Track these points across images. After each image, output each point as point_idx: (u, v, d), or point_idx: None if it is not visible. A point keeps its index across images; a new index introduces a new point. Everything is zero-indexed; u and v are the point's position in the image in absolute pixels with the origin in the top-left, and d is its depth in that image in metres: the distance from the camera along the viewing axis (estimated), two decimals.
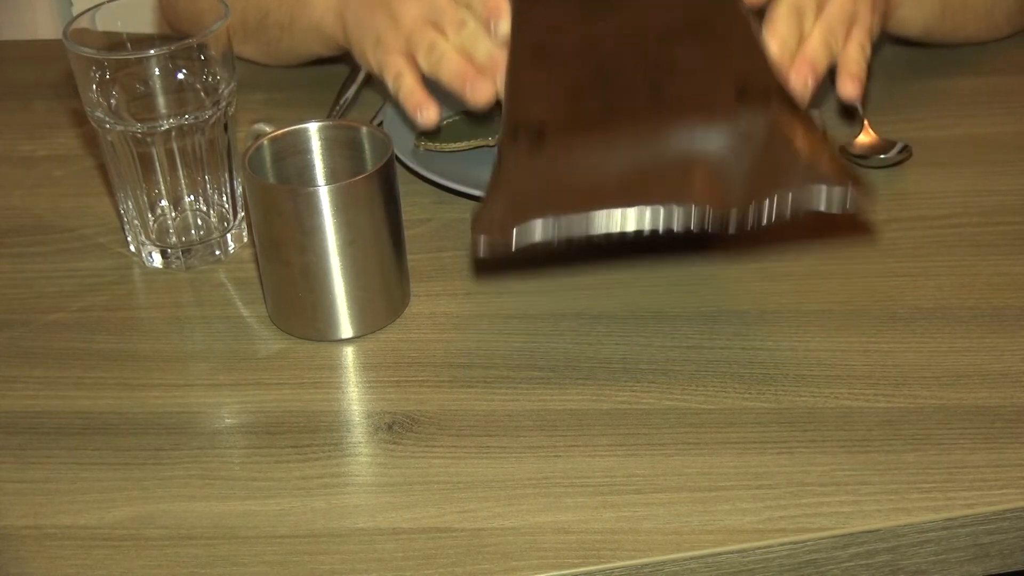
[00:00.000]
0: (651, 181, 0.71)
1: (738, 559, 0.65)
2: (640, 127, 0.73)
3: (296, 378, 0.77)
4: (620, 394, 0.74)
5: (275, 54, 1.08)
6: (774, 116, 0.73)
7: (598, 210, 0.70)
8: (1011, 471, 0.67)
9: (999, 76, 1.05)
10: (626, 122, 0.74)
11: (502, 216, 0.71)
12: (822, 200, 0.70)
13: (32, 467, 0.72)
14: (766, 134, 0.72)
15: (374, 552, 0.65)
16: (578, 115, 0.75)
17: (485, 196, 0.73)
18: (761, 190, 0.70)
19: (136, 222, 0.87)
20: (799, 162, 0.71)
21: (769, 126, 0.72)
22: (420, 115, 0.85)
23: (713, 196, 0.70)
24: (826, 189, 0.70)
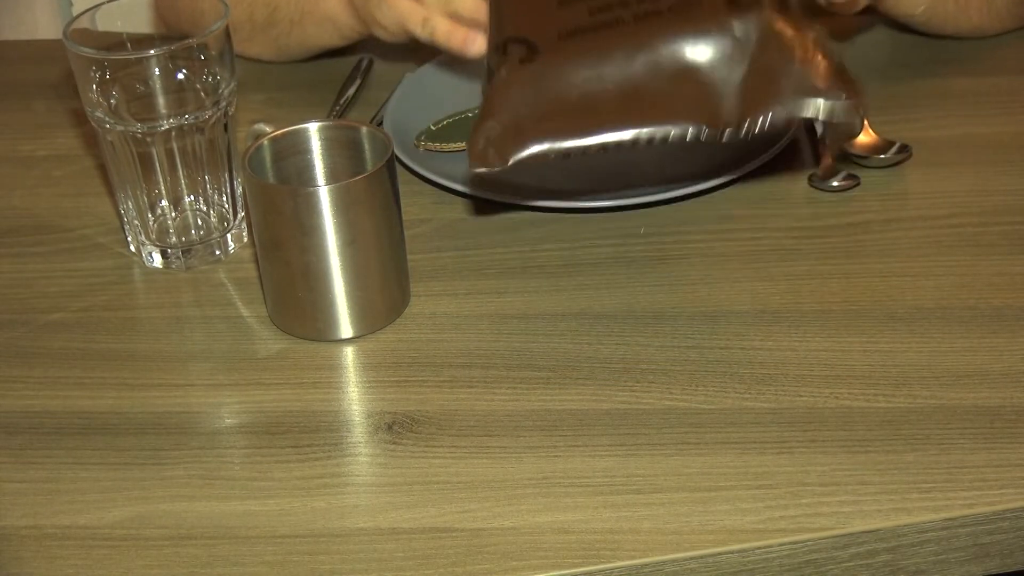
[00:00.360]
0: (644, 97, 0.71)
1: (738, 559, 0.65)
2: (631, 37, 0.72)
3: (296, 378, 0.77)
4: (620, 394, 0.74)
5: (283, 49, 1.08)
6: (766, 21, 0.72)
7: (592, 129, 0.71)
8: (1011, 471, 0.67)
9: (999, 76, 1.05)
10: (616, 31, 0.73)
11: (499, 133, 0.71)
12: (817, 109, 0.70)
13: (32, 467, 0.72)
14: (758, 41, 0.72)
15: (374, 552, 0.65)
16: (567, 25, 0.74)
17: (480, 112, 0.72)
18: (755, 100, 0.70)
19: (136, 222, 0.87)
20: (792, 70, 0.70)
21: (761, 32, 0.71)
22: (471, 47, 0.85)
23: (707, 110, 0.70)
24: (820, 99, 0.70)
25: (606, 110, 0.71)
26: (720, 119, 0.70)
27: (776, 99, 0.70)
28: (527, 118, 0.72)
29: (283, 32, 1.06)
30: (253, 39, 1.08)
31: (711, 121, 0.71)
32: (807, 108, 0.70)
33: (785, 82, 0.70)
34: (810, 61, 0.71)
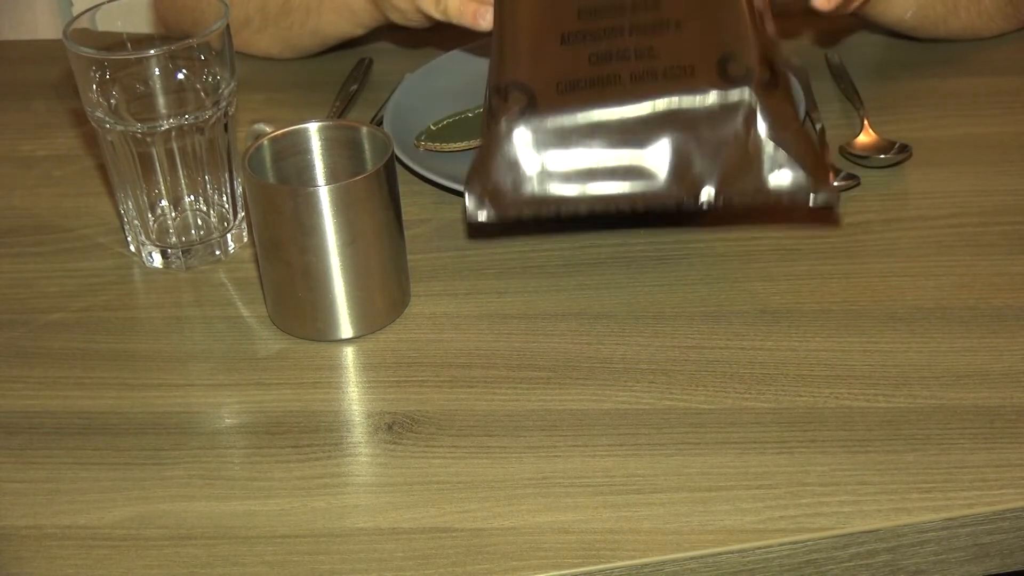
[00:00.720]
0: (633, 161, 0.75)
1: (738, 559, 0.65)
2: (626, 97, 0.75)
3: (296, 378, 0.77)
4: (620, 394, 0.74)
5: (295, 39, 1.08)
6: (755, 97, 0.74)
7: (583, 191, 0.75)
8: (1011, 471, 0.67)
9: (999, 76, 1.05)
10: (612, 89, 0.75)
11: (494, 185, 0.75)
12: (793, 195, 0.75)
13: (32, 467, 0.72)
14: (744, 117, 0.74)
15: (374, 552, 0.65)
16: (567, 75, 0.76)
17: (478, 158, 0.76)
18: (734, 176, 0.74)
19: (136, 222, 0.87)
20: (774, 151, 0.74)
21: (748, 107, 0.74)
22: (483, 21, 0.87)
23: (689, 179, 0.75)
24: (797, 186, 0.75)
25: (597, 172, 0.75)
26: (698, 189, 0.75)
27: (754, 179, 0.75)
28: (523, 174, 0.75)
29: (297, 21, 1.06)
30: (264, 30, 1.08)
31: (691, 190, 0.75)
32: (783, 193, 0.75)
33: (765, 162, 0.75)
34: (792, 144, 0.75)
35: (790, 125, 0.75)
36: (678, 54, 0.76)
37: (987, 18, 1.06)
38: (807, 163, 0.75)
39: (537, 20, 0.78)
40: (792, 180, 0.75)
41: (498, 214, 0.76)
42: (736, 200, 0.75)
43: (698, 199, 0.75)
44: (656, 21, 0.77)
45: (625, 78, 0.76)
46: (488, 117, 0.77)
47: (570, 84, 0.76)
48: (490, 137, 0.76)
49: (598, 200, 0.76)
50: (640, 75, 0.76)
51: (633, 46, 0.76)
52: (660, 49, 0.76)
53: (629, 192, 0.76)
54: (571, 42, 0.77)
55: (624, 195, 0.76)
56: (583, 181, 0.76)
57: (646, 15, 0.77)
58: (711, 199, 0.75)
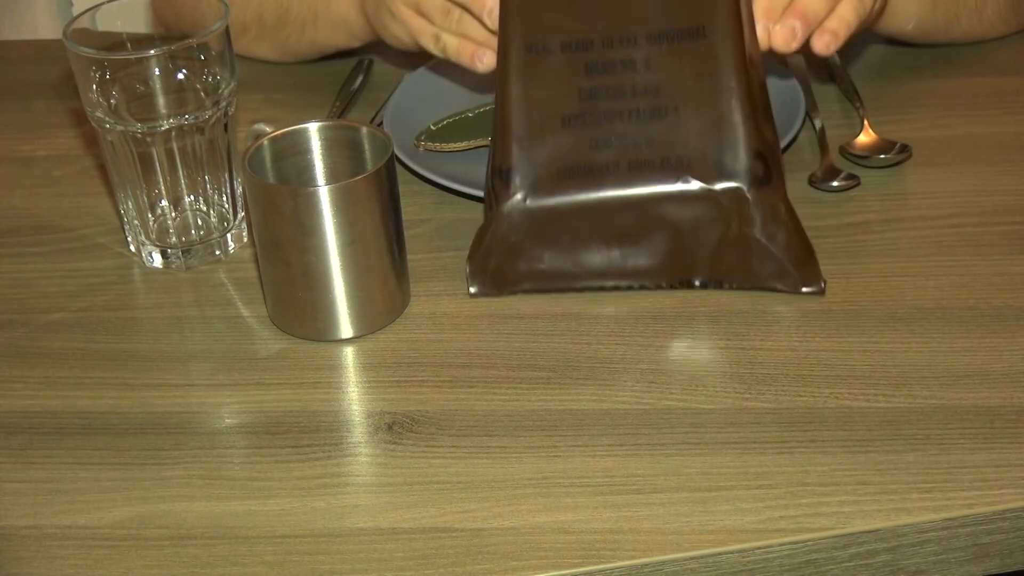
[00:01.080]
0: (627, 247, 0.80)
1: (738, 559, 0.65)
2: (622, 185, 0.79)
3: (296, 378, 0.77)
4: (620, 394, 0.74)
5: (292, 49, 1.08)
6: (747, 191, 0.78)
7: (579, 272, 0.81)
8: (1011, 471, 0.67)
9: (999, 76, 1.05)
10: (610, 177, 0.80)
11: (496, 266, 0.81)
12: (781, 287, 0.80)
13: (32, 467, 0.72)
14: (737, 210, 0.79)
15: (374, 552, 0.65)
16: (567, 161, 0.80)
17: (480, 237, 0.81)
18: (726, 267, 0.80)
19: (136, 222, 0.87)
20: (764, 246, 0.79)
21: (740, 201, 0.78)
22: (480, 63, 0.88)
23: (681, 266, 0.80)
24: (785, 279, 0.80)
25: (592, 255, 0.81)
26: (691, 275, 0.81)
27: (744, 270, 0.80)
28: (522, 256, 0.81)
29: (294, 32, 1.06)
30: (262, 39, 1.08)
31: (684, 277, 0.81)
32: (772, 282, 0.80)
33: (756, 256, 0.80)
34: (781, 240, 0.79)
35: (780, 220, 0.79)
36: (674, 145, 0.79)
37: (988, 25, 1.07)
38: (796, 259, 0.80)
39: (541, 100, 0.80)
40: (781, 274, 0.80)
41: (499, 291, 0.82)
42: (727, 286, 0.81)
43: (691, 283, 0.81)
44: (654, 107, 0.80)
45: (623, 166, 0.80)
46: (490, 198, 0.81)
47: (569, 171, 0.80)
48: (491, 218, 0.80)
49: (594, 281, 0.81)
50: (637, 164, 0.80)
51: (632, 133, 0.80)
52: (657, 138, 0.79)
53: (624, 275, 0.81)
54: (572, 125, 0.80)
55: (620, 277, 0.81)
56: (580, 264, 0.81)
57: (645, 101, 0.80)
58: (703, 284, 0.81)
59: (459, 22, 0.88)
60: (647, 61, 0.80)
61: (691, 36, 0.80)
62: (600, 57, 0.80)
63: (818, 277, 0.80)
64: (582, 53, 0.80)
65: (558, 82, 0.80)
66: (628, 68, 0.80)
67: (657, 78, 0.80)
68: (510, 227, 0.80)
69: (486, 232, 0.81)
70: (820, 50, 0.82)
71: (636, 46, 0.80)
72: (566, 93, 0.80)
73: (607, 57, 0.80)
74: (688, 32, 0.80)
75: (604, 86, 0.80)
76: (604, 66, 0.80)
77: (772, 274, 0.80)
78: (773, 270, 0.79)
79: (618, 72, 0.80)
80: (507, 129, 0.80)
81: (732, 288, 0.80)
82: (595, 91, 0.80)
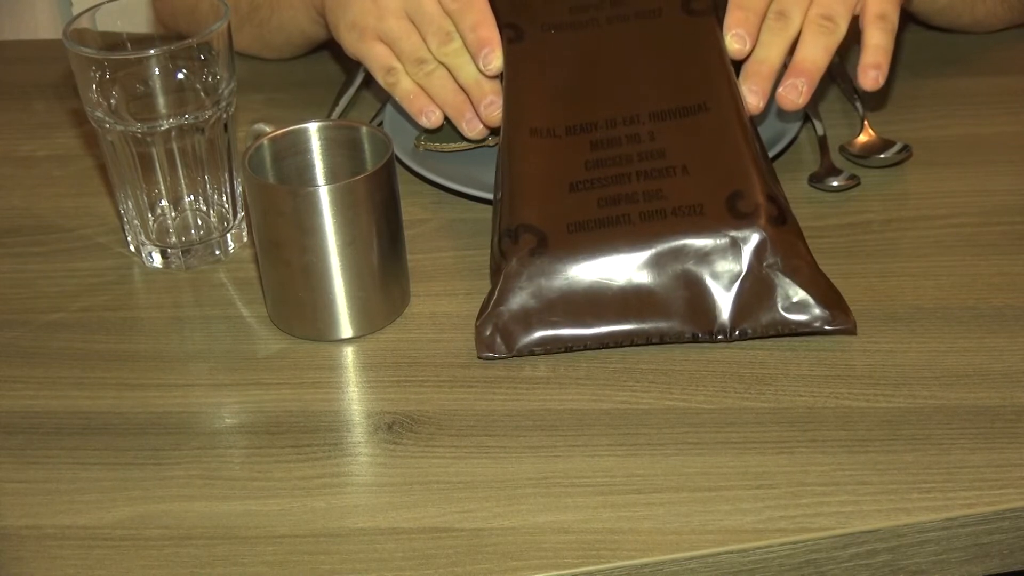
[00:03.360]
0: (644, 298, 0.76)
1: (738, 559, 0.65)
2: (635, 238, 0.76)
3: (296, 378, 0.77)
4: (620, 394, 0.74)
5: (268, 37, 1.08)
6: (765, 231, 0.76)
7: (593, 327, 0.76)
8: (1011, 471, 0.67)
9: (1000, 76, 1.05)
10: (622, 230, 0.77)
11: (507, 322, 0.76)
12: (810, 327, 0.76)
13: (32, 467, 0.72)
14: (755, 252, 0.76)
15: (374, 552, 0.65)
16: (576, 217, 0.77)
17: (489, 298, 0.77)
18: (747, 310, 0.76)
19: (136, 222, 0.87)
20: (788, 286, 0.76)
21: (758, 244, 0.76)
22: (427, 119, 0.89)
23: (701, 314, 0.76)
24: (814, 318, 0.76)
25: (607, 309, 0.76)
26: (713, 325, 0.76)
27: (770, 312, 0.76)
28: (533, 311, 0.76)
29: (265, 17, 1.05)
30: (241, 29, 1.07)
31: (705, 326, 0.76)
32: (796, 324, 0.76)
33: (776, 297, 0.76)
34: (805, 277, 0.76)
35: (802, 258, 0.76)
36: (686, 194, 0.77)
37: (1008, 7, 1.06)
38: (822, 296, 0.76)
39: (545, 171, 0.80)
40: (809, 313, 0.76)
41: (508, 352, 0.77)
42: (751, 333, 0.76)
43: (712, 333, 0.76)
44: (663, 168, 0.79)
45: (635, 217, 0.77)
46: (498, 259, 0.78)
47: (580, 225, 0.77)
48: (500, 276, 0.77)
49: (610, 338, 0.76)
50: (649, 215, 0.77)
51: (641, 190, 0.78)
52: (668, 191, 0.78)
53: (641, 329, 0.76)
54: (580, 190, 0.79)
55: (636, 332, 0.76)
56: (595, 319, 0.76)
57: (652, 163, 0.79)
58: (726, 333, 0.76)
59: (428, 76, 0.88)
60: (651, 134, 0.80)
61: (694, 112, 0.80)
62: (604, 135, 0.80)
63: (846, 312, 0.76)
64: (586, 134, 0.81)
65: (564, 158, 0.80)
66: (632, 141, 0.80)
67: (661, 146, 0.80)
68: (519, 282, 0.76)
69: (494, 291, 0.77)
70: (870, 87, 0.83)
71: (639, 123, 0.81)
72: (572, 165, 0.80)
73: (611, 135, 0.80)
74: (690, 109, 0.81)
75: (609, 157, 0.80)
76: (608, 142, 0.80)
77: (798, 312, 0.76)
78: (799, 308, 0.76)
79: (623, 145, 0.80)
80: (514, 196, 0.79)
81: (757, 337, 0.76)
82: (601, 161, 0.80)
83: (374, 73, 0.90)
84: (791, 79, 0.82)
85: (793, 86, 0.82)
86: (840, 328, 0.76)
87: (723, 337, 0.76)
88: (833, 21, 0.83)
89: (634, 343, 0.76)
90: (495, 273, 0.78)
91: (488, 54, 0.85)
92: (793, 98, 0.82)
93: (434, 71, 0.88)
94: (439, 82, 0.88)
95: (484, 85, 0.87)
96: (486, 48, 0.85)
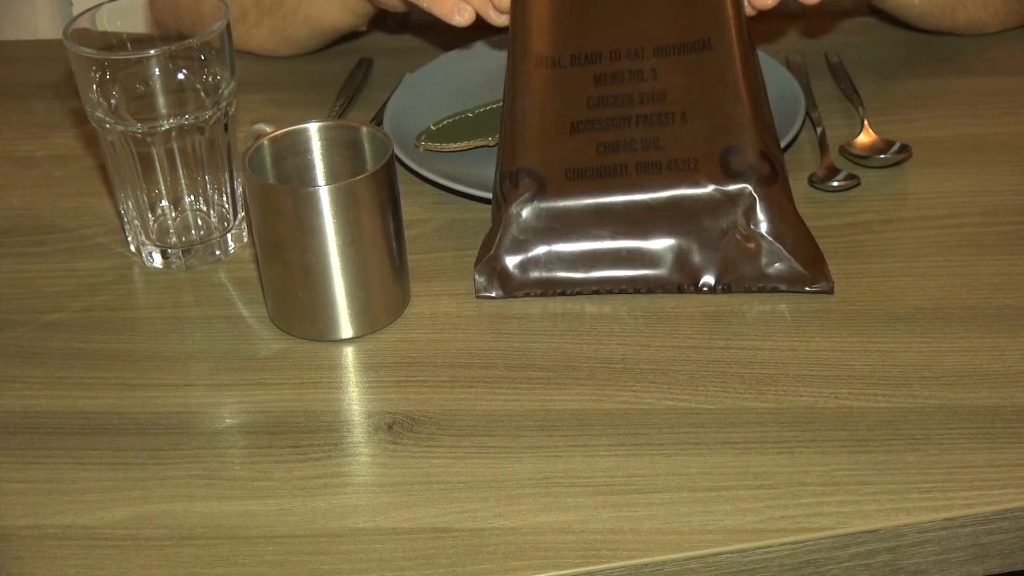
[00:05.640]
0: (636, 247, 0.80)
1: (738, 559, 0.65)
2: (630, 187, 0.79)
3: (296, 378, 0.77)
4: (620, 394, 0.74)
5: (289, 30, 1.08)
6: (755, 190, 0.79)
7: (588, 272, 0.80)
8: (1011, 471, 0.67)
9: (999, 76, 1.05)
10: (618, 180, 0.80)
11: (503, 266, 0.80)
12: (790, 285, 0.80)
13: (32, 467, 0.72)
14: (745, 209, 0.79)
15: (374, 552, 0.65)
16: (575, 163, 0.80)
17: (488, 239, 0.80)
18: (733, 266, 0.79)
19: (136, 222, 0.87)
20: (772, 245, 0.79)
21: (748, 201, 0.79)
22: (460, 17, 0.89)
23: (689, 266, 0.80)
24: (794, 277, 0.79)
25: (600, 256, 0.80)
26: (699, 277, 0.80)
27: (753, 269, 0.79)
28: (530, 255, 0.80)
29: (290, 9, 1.06)
30: (261, 23, 1.07)
31: (691, 278, 0.80)
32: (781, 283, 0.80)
33: (764, 255, 0.79)
34: (789, 238, 0.79)
35: (788, 219, 0.80)
36: (682, 147, 0.80)
37: (992, 12, 1.06)
38: (804, 257, 0.79)
39: (548, 108, 0.82)
40: (789, 272, 0.79)
41: (506, 294, 0.81)
42: (734, 288, 0.80)
43: (698, 286, 0.80)
44: (662, 113, 0.81)
45: (631, 168, 0.80)
46: (499, 200, 0.81)
47: (578, 172, 0.80)
48: (500, 219, 0.80)
49: (602, 283, 0.80)
50: (645, 166, 0.80)
51: (640, 137, 0.80)
52: (665, 140, 0.80)
53: (632, 277, 0.80)
54: (580, 131, 0.81)
55: (627, 279, 0.80)
56: (588, 265, 0.80)
57: (652, 107, 0.81)
58: (711, 286, 0.80)
59: None
60: (654, 71, 0.81)
61: (697, 48, 0.81)
62: (608, 68, 0.81)
63: (827, 275, 0.80)
64: (591, 65, 0.82)
65: (567, 92, 0.81)
66: (635, 78, 0.81)
67: (663, 86, 0.81)
68: (519, 227, 0.80)
69: (494, 233, 0.81)
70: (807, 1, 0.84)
71: (643, 58, 0.82)
72: (574, 102, 0.81)
73: (615, 68, 0.81)
74: (694, 45, 0.81)
75: (611, 95, 0.81)
76: (612, 76, 0.81)
77: (780, 273, 0.79)
78: (782, 269, 0.79)
79: (625, 81, 0.81)
80: (515, 136, 0.81)
81: (740, 291, 0.80)
82: (603, 99, 0.81)
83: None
84: None
85: None
86: (819, 289, 0.79)
87: (707, 290, 0.80)
88: None
89: (623, 291, 0.80)
90: (495, 215, 0.81)
91: None
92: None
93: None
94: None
95: None
96: None
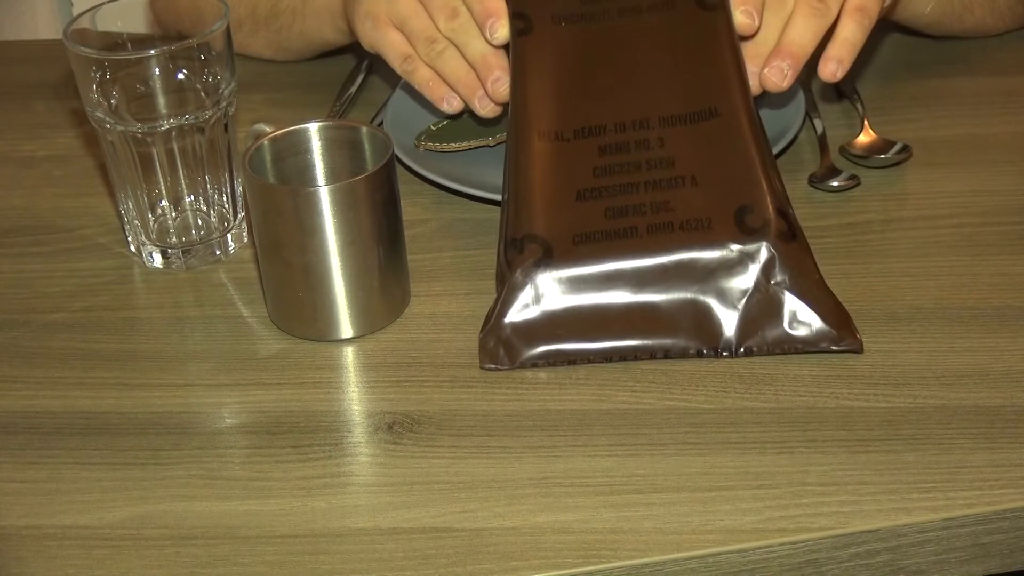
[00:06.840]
0: (650, 312, 0.75)
1: (738, 559, 0.65)
2: (641, 250, 0.75)
3: (296, 378, 0.77)
4: (620, 394, 0.74)
5: (285, 43, 1.08)
6: (773, 247, 0.75)
7: (598, 340, 0.75)
8: (1011, 471, 0.67)
9: (999, 76, 1.05)
10: (628, 242, 0.75)
11: (510, 335, 0.76)
12: (816, 345, 0.75)
13: (32, 467, 0.72)
14: (763, 268, 0.75)
15: (374, 552, 0.65)
16: (582, 228, 0.76)
17: (493, 309, 0.76)
18: (755, 327, 0.75)
19: (136, 222, 0.87)
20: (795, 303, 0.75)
21: (767, 260, 0.75)
22: (447, 105, 0.89)
23: (707, 330, 0.75)
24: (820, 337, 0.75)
25: (612, 324, 0.75)
26: (718, 341, 0.75)
27: (776, 330, 0.75)
28: (537, 324, 0.75)
29: (285, 24, 1.06)
30: (256, 34, 1.08)
31: (711, 342, 0.75)
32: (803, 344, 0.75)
33: (787, 314, 0.75)
34: (812, 295, 0.75)
35: (810, 276, 0.75)
36: (694, 207, 0.76)
37: (998, 16, 1.07)
38: (829, 314, 0.75)
39: (552, 178, 0.78)
40: (815, 332, 0.75)
41: (512, 364, 0.76)
42: (756, 350, 0.75)
43: (718, 350, 0.75)
44: (671, 178, 0.77)
45: (642, 230, 0.76)
46: (503, 269, 0.77)
47: (586, 236, 0.76)
48: (505, 288, 0.76)
49: (614, 352, 0.76)
50: (657, 227, 0.76)
51: (649, 201, 0.76)
52: (676, 203, 0.76)
53: (645, 345, 0.75)
54: (587, 199, 0.77)
55: (641, 347, 0.75)
56: (599, 333, 0.75)
57: (661, 173, 0.77)
58: (731, 350, 0.75)
59: (440, 56, 0.87)
60: (660, 140, 0.79)
61: (704, 117, 0.79)
62: (613, 140, 0.79)
63: (853, 333, 0.75)
64: (595, 138, 0.79)
65: (571, 163, 0.79)
66: (641, 147, 0.78)
67: (671, 153, 0.78)
68: (524, 293, 0.75)
69: (498, 302, 0.77)
70: (827, 79, 0.82)
71: (649, 128, 0.79)
72: (580, 172, 0.78)
73: (620, 139, 0.79)
74: (700, 114, 0.79)
75: (618, 163, 0.78)
76: (617, 147, 0.79)
77: (806, 332, 0.75)
78: (808, 328, 0.75)
79: (632, 151, 0.78)
80: (519, 204, 0.78)
81: (763, 355, 0.75)
82: (609, 168, 0.78)
83: (392, 63, 0.90)
84: (776, 61, 0.81)
85: (778, 68, 0.81)
86: (846, 348, 0.75)
87: (728, 354, 0.75)
88: (826, 4, 0.82)
89: (638, 358, 0.76)
90: (500, 283, 0.77)
91: (493, 23, 0.84)
92: (777, 80, 0.81)
93: (444, 50, 0.87)
94: (450, 62, 0.87)
95: (490, 60, 0.85)
96: (492, 18, 0.84)
